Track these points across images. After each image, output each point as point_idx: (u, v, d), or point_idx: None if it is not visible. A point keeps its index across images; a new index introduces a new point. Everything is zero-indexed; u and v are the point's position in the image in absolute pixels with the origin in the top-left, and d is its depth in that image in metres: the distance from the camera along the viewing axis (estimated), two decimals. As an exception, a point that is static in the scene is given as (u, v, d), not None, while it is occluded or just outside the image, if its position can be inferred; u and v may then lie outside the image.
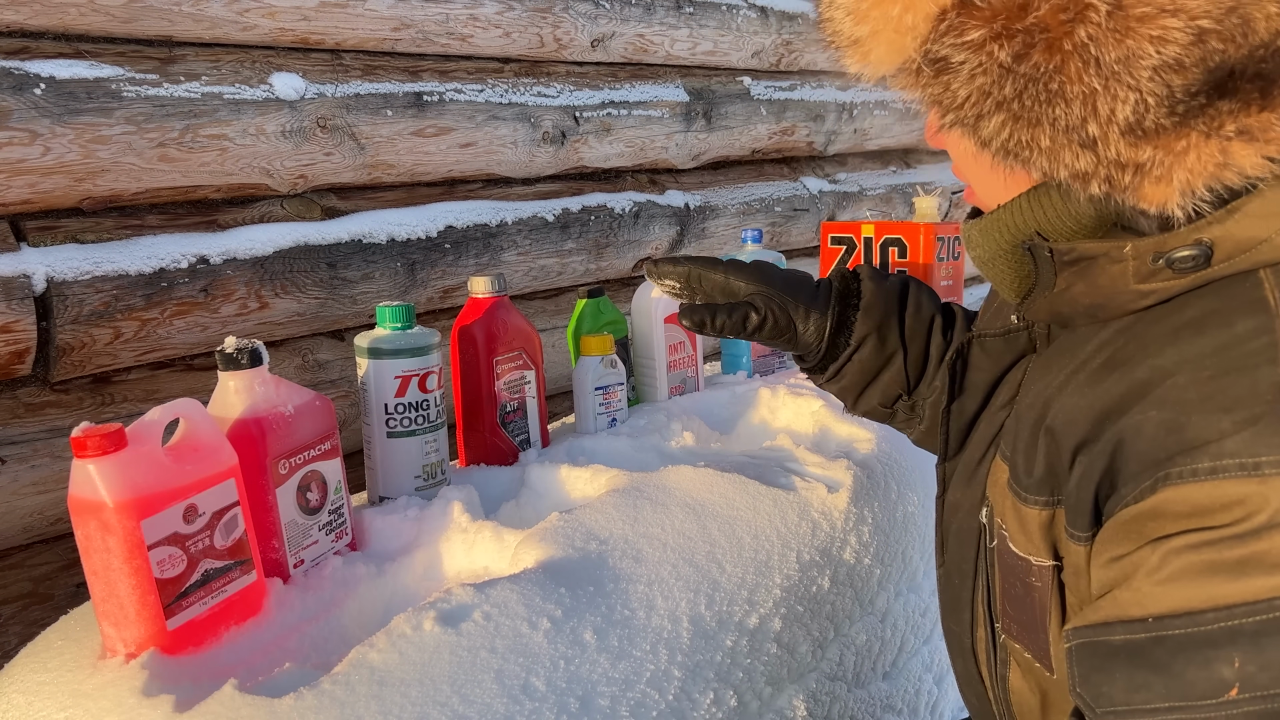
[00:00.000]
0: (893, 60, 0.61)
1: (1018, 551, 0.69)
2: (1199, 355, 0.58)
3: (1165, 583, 0.54)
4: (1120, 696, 0.55)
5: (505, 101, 1.70)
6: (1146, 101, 0.53)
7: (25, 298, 1.15)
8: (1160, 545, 0.55)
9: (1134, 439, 0.58)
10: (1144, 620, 0.55)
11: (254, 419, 0.94)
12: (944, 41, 0.57)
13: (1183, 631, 0.53)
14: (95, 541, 0.80)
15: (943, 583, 0.86)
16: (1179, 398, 0.57)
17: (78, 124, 1.19)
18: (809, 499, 1.15)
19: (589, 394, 1.37)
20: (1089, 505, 0.61)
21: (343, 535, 1.05)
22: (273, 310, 1.41)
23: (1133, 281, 0.62)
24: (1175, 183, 0.56)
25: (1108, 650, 0.56)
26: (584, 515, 1.04)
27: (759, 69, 2.28)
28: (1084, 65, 0.54)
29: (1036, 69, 0.55)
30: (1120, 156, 0.56)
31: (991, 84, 0.57)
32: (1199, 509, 0.54)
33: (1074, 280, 0.65)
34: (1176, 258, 0.59)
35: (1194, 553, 0.54)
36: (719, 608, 0.99)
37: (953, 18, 0.56)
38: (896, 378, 0.97)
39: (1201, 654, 0.52)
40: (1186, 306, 0.61)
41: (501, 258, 1.71)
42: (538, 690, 0.82)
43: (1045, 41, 0.54)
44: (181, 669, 0.82)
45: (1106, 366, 0.63)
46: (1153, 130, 0.55)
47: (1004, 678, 0.76)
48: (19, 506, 1.20)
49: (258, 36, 1.37)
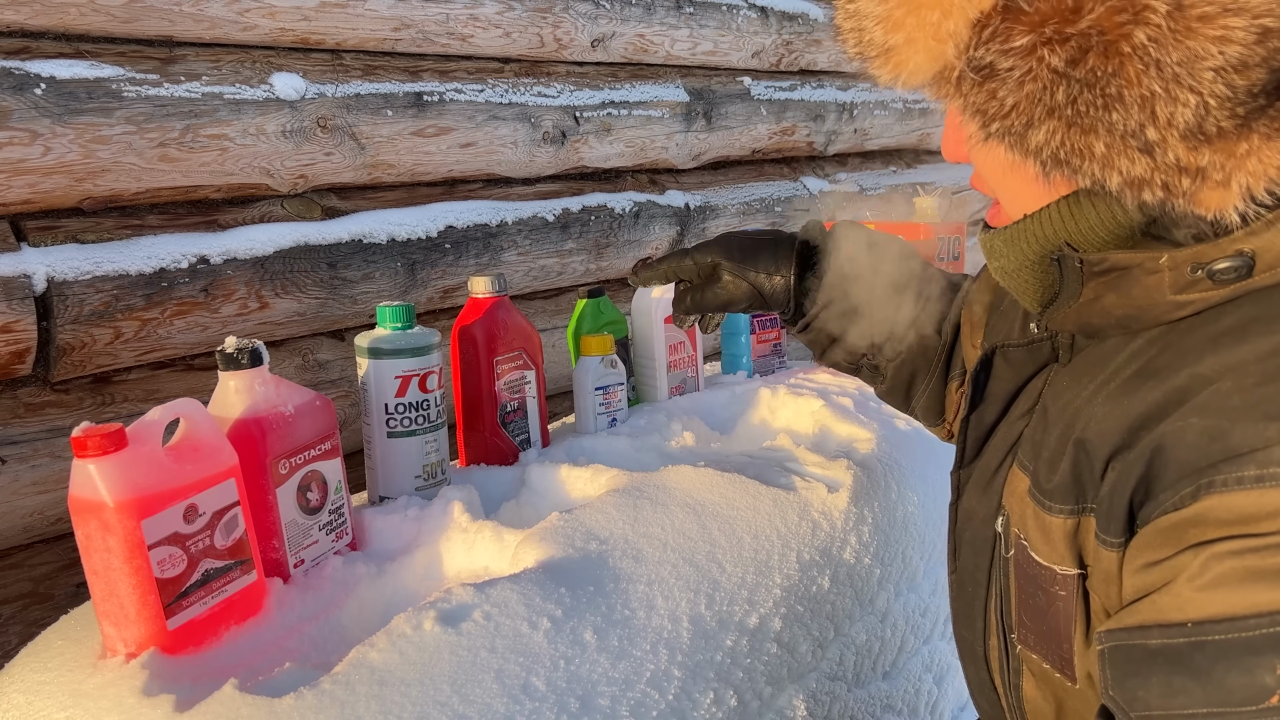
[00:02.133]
0: (930, 68, 0.59)
1: (1040, 561, 0.68)
2: (1241, 362, 0.57)
3: (1207, 588, 0.54)
4: (1157, 701, 0.55)
5: (505, 101, 1.70)
6: (1208, 104, 0.52)
7: (25, 298, 1.15)
8: (1202, 551, 0.55)
9: (1174, 446, 0.57)
10: (1183, 625, 0.54)
11: (254, 419, 0.94)
12: (989, 47, 0.55)
13: (1224, 637, 0.52)
14: (95, 541, 0.80)
15: (955, 590, 0.85)
16: (1222, 404, 0.56)
17: (78, 124, 1.19)
18: (809, 499, 1.15)
19: (589, 394, 1.37)
20: (1123, 512, 0.60)
21: (343, 535, 1.05)
22: (273, 310, 1.41)
23: (1169, 293, 0.61)
24: (1235, 187, 0.55)
25: (1144, 654, 0.56)
26: (584, 515, 1.04)
27: (759, 69, 2.28)
28: (1144, 68, 0.52)
29: (1093, 73, 0.53)
30: (1179, 161, 0.55)
31: (1042, 90, 0.55)
32: (1244, 516, 0.53)
33: (1103, 291, 0.64)
34: (1218, 269, 0.58)
35: (1237, 559, 0.53)
36: (719, 607, 0.99)
37: (997, 23, 0.55)
38: (860, 340, 1.02)
39: (1242, 660, 0.51)
40: (1223, 315, 0.60)
41: (501, 258, 1.71)
42: (538, 690, 0.82)
43: (1102, 45, 0.52)
44: (182, 669, 0.82)
45: (1140, 375, 0.63)
46: (1214, 133, 0.54)
47: (1017, 686, 0.76)
48: (19, 506, 1.20)
49: (258, 36, 1.37)
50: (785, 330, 1.05)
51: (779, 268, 1.01)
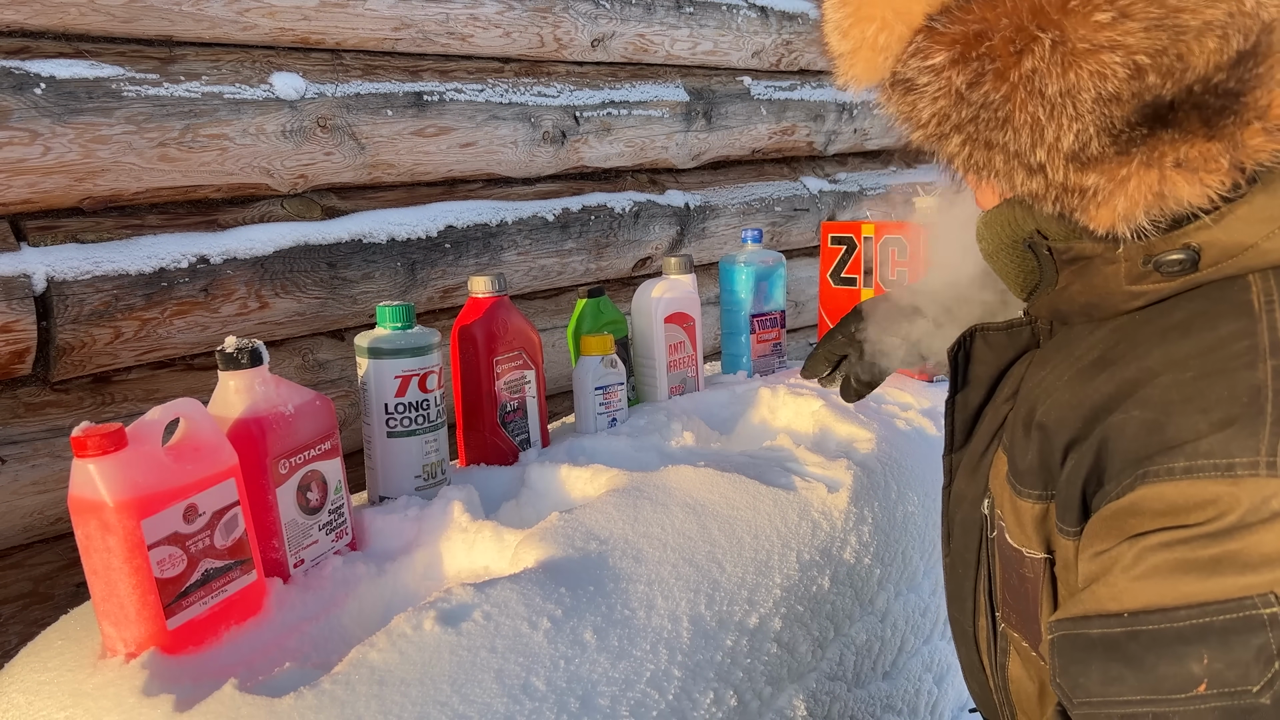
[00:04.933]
0: (870, 78, 0.64)
1: (1013, 543, 0.71)
2: (1184, 357, 0.59)
3: (1140, 579, 0.56)
4: (1096, 689, 0.57)
5: (505, 101, 1.70)
6: (1089, 131, 0.56)
7: (25, 297, 1.15)
8: (1137, 542, 0.57)
9: (1118, 437, 0.59)
10: (1119, 615, 0.56)
11: (254, 419, 0.94)
12: (910, 64, 0.60)
13: (1155, 627, 0.54)
14: (95, 541, 0.80)
15: (948, 572, 0.87)
16: (1162, 398, 0.58)
17: (78, 124, 1.19)
18: (809, 499, 1.15)
19: (589, 394, 1.37)
20: (1077, 500, 0.62)
21: (343, 535, 1.05)
22: (273, 310, 1.41)
23: (1125, 283, 0.64)
24: (1118, 208, 0.58)
25: (1086, 643, 0.58)
26: (584, 515, 1.04)
27: (759, 69, 2.28)
28: (1029, 95, 0.56)
29: (987, 96, 0.57)
30: (1067, 181, 0.59)
31: (950, 107, 0.59)
32: (1174, 507, 0.55)
33: (1072, 279, 0.67)
34: (1165, 261, 0.61)
35: (1167, 550, 0.55)
36: (719, 607, 0.99)
37: (920, 41, 0.59)
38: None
39: (1173, 650, 0.53)
40: (1176, 309, 0.62)
41: (501, 257, 1.71)
42: (538, 690, 0.82)
43: (995, 71, 0.56)
44: (181, 669, 0.82)
45: (1097, 365, 0.65)
46: (1096, 158, 0.57)
47: (1003, 666, 0.77)
48: (19, 506, 1.20)
49: (258, 36, 1.37)
50: None
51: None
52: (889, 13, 0.60)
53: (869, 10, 0.61)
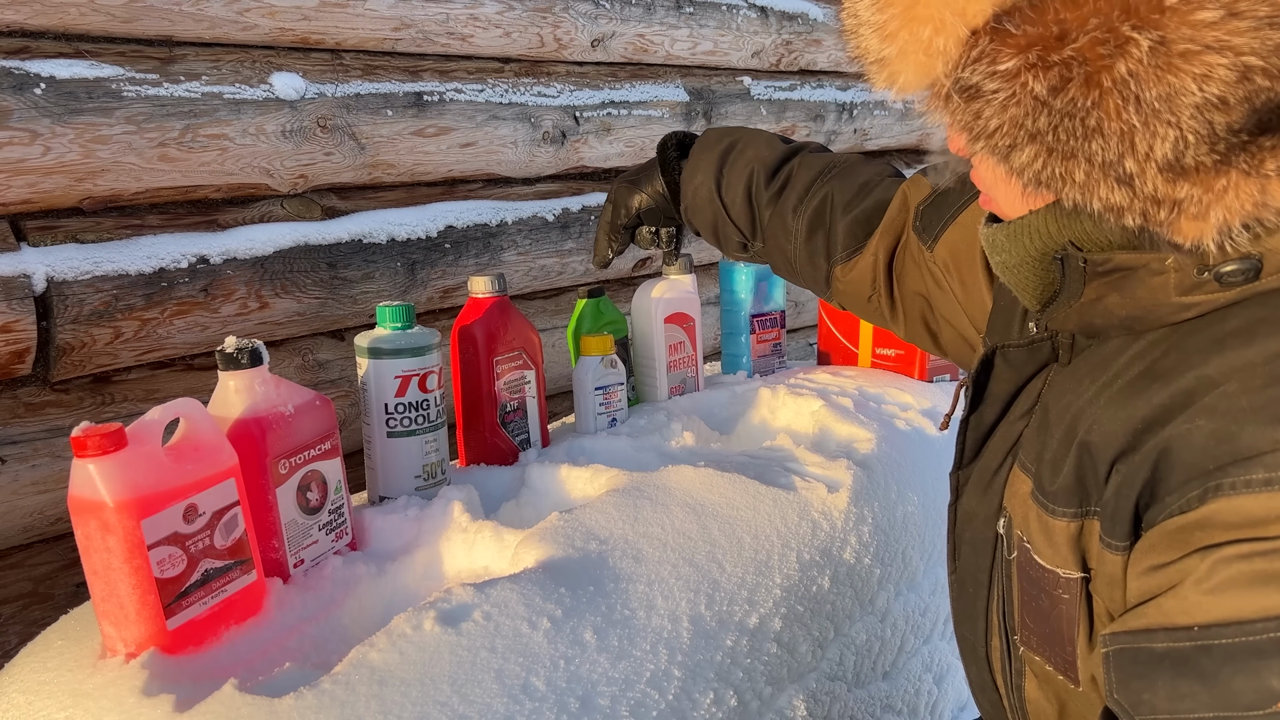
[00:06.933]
0: (920, 83, 0.59)
1: (1044, 564, 0.68)
2: (1249, 364, 0.57)
3: (1214, 592, 0.54)
4: (1163, 705, 0.54)
5: (505, 101, 1.70)
6: (1186, 139, 0.52)
7: (25, 297, 1.15)
8: (1209, 554, 0.54)
9: (1180, 449, 0.57)
10: (1190, 629, 0.54)
11: (254, 419, 0.94)
12: (975, 68, 0.55)
13: (1231, 641, 0.52)
14: (95, 541, 0.80)
15: (955, 590, 0.85)
16: (1229, 407, 0.56)
17: (78, 124, 1.19)
18: (809, 499, 1.15)
19: (589, 394, 1.37)
20: (1128, 515, 0.60)
21: (343, 535, 1.05)
22: (273, 310, 1.41)
23: (1174, 294, 0.61)
24: (1212, 220, 0.55)
25: (1150, 657, 0.56)
26: (584, 515, 1.04)
27: (759, 69, 2.28)
28: (1123, 101, 0.52)
29: (1074, 103, 0.53)
30: (1157, 193, 0.55)
31: (1025, 115, 0.55)
32: (1252, 519, 0.53)
33: (1106, 291, 0.64)
34: (1225, 271, 0.58)
35: (1245, 562, 0.53)
36: (719, 607, 0.99)
37: (985, 44, 0.54)
38: (732, 230, 1.18)
39: (1249, 664, 0.51)
40: (1229, 317, 0.60)
41: (501, 258, 1.71)
42: (538, 690, 0.82)
43: (1083, 75, 0.52)
44: (181, 669, 0.82)
45: (1145, 377, 0.62)
46: (1192, 168, 0.53)
47: (1020, 687, 0.76)
48: (19, 506, 1.20)
49: (258, 36, 1.37)
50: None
51: (653, 182, 1.24)
52: (947, 14, 0.55)
53: (922, 11, 0.56)
